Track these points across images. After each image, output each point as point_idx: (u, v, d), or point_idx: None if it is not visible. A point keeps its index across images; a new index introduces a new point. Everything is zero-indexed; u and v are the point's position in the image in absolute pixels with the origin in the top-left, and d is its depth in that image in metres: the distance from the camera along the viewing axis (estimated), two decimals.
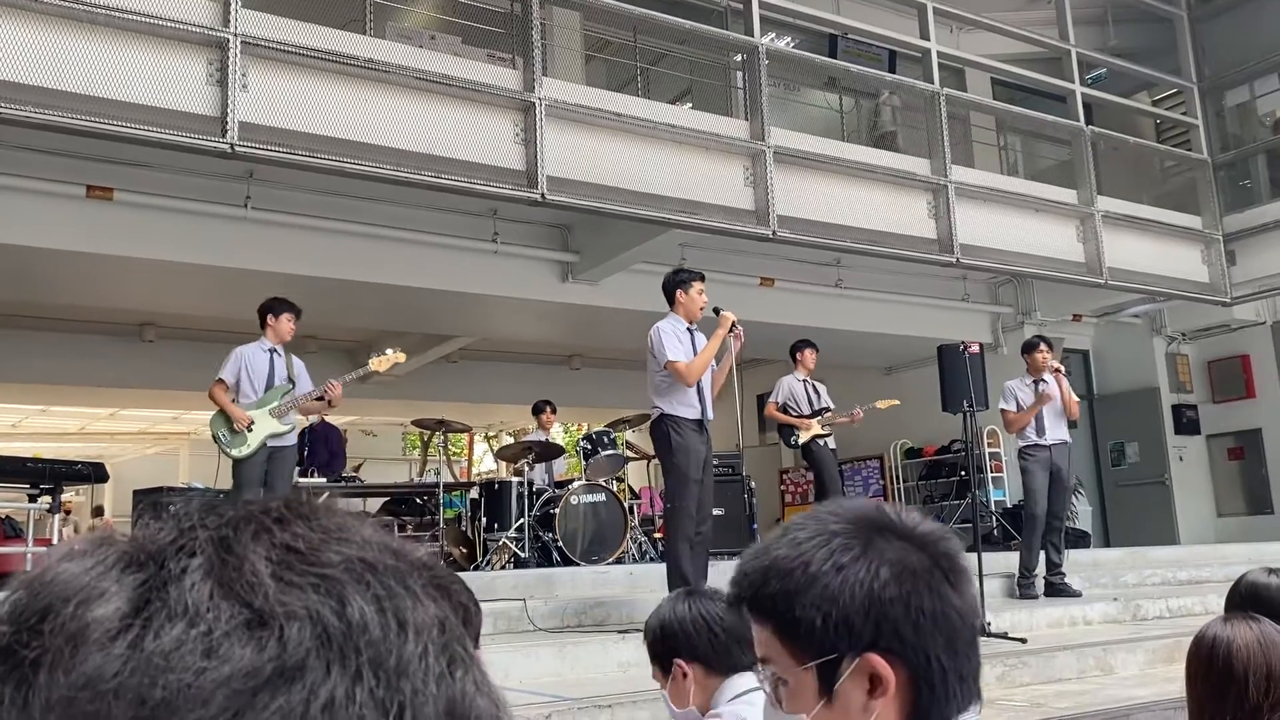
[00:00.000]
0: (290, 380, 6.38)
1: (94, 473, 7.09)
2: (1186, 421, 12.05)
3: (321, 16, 6.26)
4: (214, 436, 6.25)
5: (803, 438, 8.55)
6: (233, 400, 6.22)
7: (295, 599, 0.41)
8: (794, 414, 8.54)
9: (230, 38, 5.63)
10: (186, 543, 0.42)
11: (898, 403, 8.81)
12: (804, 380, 8.66)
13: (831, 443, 8.72)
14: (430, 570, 0.46)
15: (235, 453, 6.16)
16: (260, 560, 0.42)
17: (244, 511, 0.44)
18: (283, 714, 0.38)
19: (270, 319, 6.38)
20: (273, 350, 6.38)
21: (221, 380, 6.22)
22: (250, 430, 6.16)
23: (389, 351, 6.64)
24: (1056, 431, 7.60)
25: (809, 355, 8.67)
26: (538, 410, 9.53)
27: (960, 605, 0.98)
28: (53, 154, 6.70)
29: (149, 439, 18.32)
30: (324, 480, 8.90)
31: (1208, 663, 1.80)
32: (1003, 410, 7.66)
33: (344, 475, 9.74)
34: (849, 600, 0.94)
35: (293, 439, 6.41)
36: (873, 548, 0.97)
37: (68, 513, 15.45)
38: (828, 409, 8.58)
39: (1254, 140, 11.16)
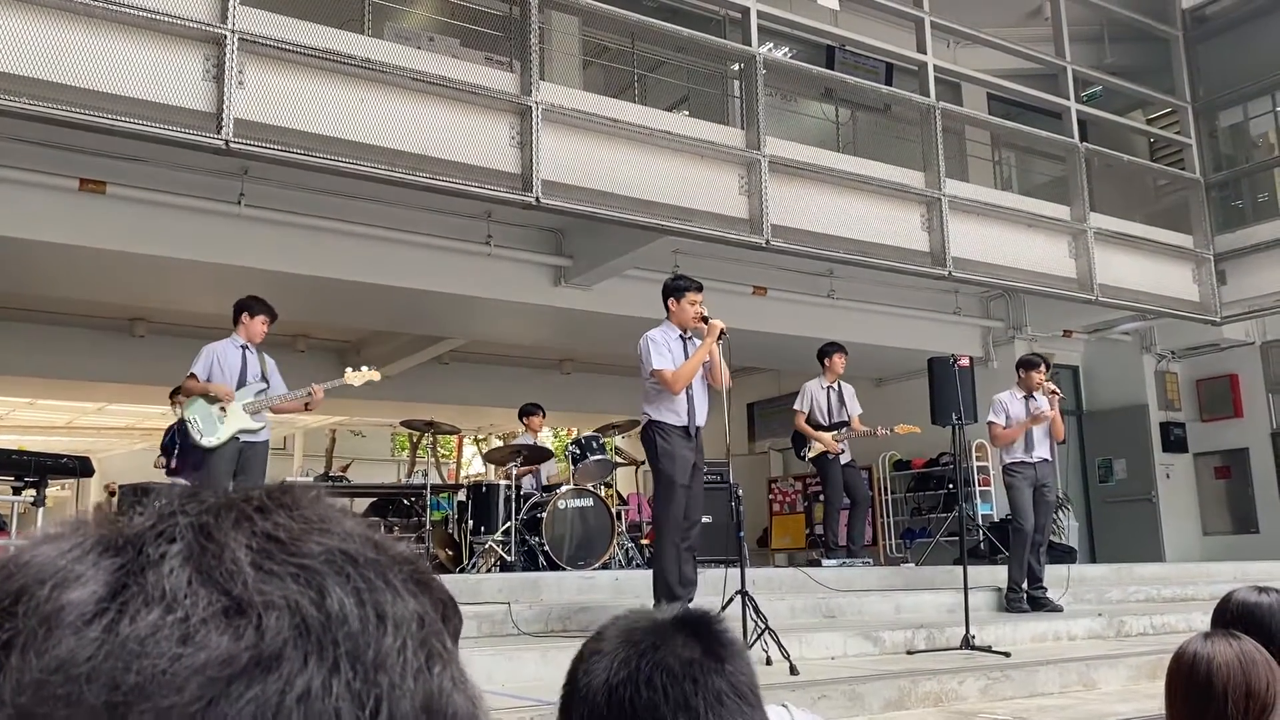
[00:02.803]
0: (264, 379, 6.37)
1: (80, 466, 7.06)
2: (1174, 439, 12.09)
3: (320, 15, 6.26)
4: (187, 422, 6.12)
5: (813, 451, 8.56)
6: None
7: (274, 588, 0.40)
8: (814, 422, 8.55)
9: (228, 34, 5.62)
10: (166, 528, 0.42)
11: (919, 430, 8.72)
12: (828, 386, 8.64)
13: (846, 456, 8.70)
14: (411, 565, 0.46)
15: (206, 441, 6.08)
16: (240, 548, 0.41)
17: (225, 499, 0.44)
18: (257, 703, 0.38)
19: (245, 317, 6.37)
20: (244, 347, 6.36)
21: (194, 375, 6.19)
22: (222, 421, 6.13)
23: (364, 369, 6.60)
24: (1042, 449, 7.63)
25: (838, 361, 8.65)
26: (526, 413, 9.51)
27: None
28: (45, 146, 6.67)
29: (136, 434, 18.24)
30: (309, 478, 8.87)
31: (1188, 679, 1.81)
32: (991, 423, 7.61)
33: (330, 475, 9.70)
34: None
35: (264, 436, 6.39)
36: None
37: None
38: (845, 423, 8.56)
39: (1246, 161, 11.22)
